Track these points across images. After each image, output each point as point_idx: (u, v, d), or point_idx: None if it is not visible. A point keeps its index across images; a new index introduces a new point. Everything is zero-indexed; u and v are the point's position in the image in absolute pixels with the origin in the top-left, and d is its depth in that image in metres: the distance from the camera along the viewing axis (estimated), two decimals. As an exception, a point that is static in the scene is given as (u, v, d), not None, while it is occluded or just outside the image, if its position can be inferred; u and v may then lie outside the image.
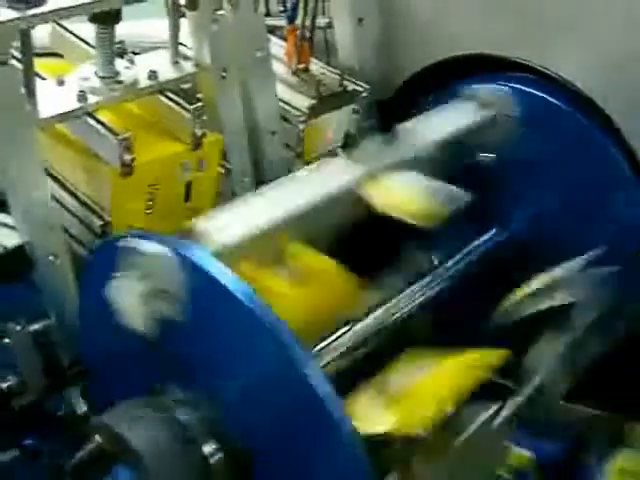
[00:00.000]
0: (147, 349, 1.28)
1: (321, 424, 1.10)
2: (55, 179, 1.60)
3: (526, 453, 1.77)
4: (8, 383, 1.60)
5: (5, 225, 1.62)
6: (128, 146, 1.49)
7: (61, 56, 1.80)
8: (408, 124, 1.68)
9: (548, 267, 1.71)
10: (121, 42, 1.69)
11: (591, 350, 1.73)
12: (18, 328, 1.56)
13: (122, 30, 1.62)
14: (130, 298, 1.20)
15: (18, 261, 1.53)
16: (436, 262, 1.81)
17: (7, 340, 1.56)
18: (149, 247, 1.22)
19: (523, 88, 1.82)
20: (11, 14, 1.36)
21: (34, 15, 1.38)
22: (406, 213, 1.46)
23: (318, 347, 1.42)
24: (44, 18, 1.41)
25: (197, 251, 1.22)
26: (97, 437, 1.25)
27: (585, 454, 1.76)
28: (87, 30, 1.73)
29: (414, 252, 1.89)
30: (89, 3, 1.43)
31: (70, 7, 1.41)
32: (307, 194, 1.43)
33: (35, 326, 1.57)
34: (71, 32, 1.75)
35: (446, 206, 1.52)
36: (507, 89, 1.77)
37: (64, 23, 1.74)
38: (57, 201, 1.57)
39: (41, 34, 1.71)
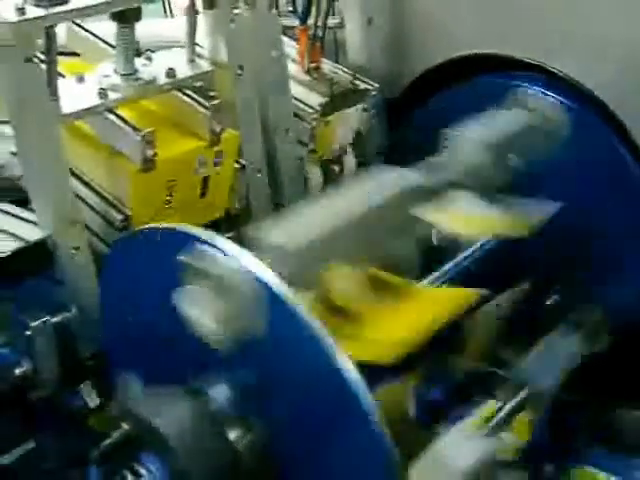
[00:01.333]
0: (175, 340, 1.31)
1: (348, 408, 1.13)
2: (75, 175, 1.63)
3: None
4: (23, 370, 1.63)
5: (26, 220, 1.65)
6: (150, 142, 1.52)
7: (72, 54, 1.83)
8: (457, 131, 1.65)
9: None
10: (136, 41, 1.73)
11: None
12: (38, 321, 1.59)
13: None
14: (203, 310, 1.16)
15: (40, 255, 1.56)
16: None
17: (28, 332, 1.60)
18: (225, 261, 1.18)
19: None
20: (37, 12, 1.39)
21: (59, 13, 1.41)
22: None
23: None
24: (69, 16, 1.44)
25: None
26: (124, 424, 1.28)
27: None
28: (102, 29, 1.78)
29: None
30: (112, 1, 1.46)
31: (94, 5, 1.44)
32: (361, 205, 1.41)
33: (55, 319, 1.60)
34: (88, 31, 1.78)
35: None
36: (554, 99, 1.78)
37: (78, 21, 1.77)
38: (77, 196, 1.60)
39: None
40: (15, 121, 1.48)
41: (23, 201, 1.77)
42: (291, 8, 2.14)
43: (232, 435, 1.25)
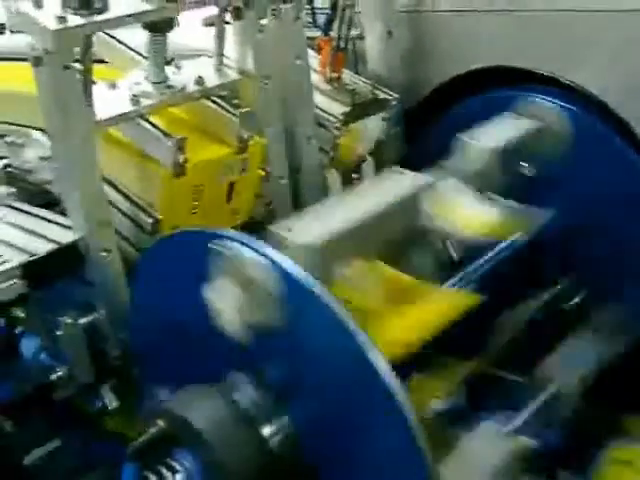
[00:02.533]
0: (207, 340, 1.35)
1: (380, 401, 1.17)
2: (105, 179, 1.66)
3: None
4: (58, 374, 1.67)
5: (57, 223, 1.69)
6: (181, 147, 1.56)
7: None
8: (467, 136, 1.74)
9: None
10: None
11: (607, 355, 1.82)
12: (69, 321, 1.63)
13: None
14: (229, 304, 1.24)
15: (71, 257, 1.60)
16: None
17: (59, 332, 1.64)
18: (249, 254, 1.24)
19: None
20: (77, 20, 1.43)
21: (98, 22, 1.45)
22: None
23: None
24: (107, 25, 1.49)
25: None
26: (159, 421, 1.32)
27: (582, 444, 1.83)
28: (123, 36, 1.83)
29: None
30: (148, 11, 1.50)
31: (131, 15, 1.49)
32: (376, 204, 1.49)
33: (85, 319, 1.64)
34: (117, 39, 1.82)
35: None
36: (557, 106, 1.84)
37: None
38: (107, 201, 1.64)
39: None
40: (51, 126, 1.52)
41: (49, 205, 1.83)
42: (310, 20, 2.19)
43: (264, 431, 1.29)
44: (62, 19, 1.41)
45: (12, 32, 1.95)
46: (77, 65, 1.47)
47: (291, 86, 1.83)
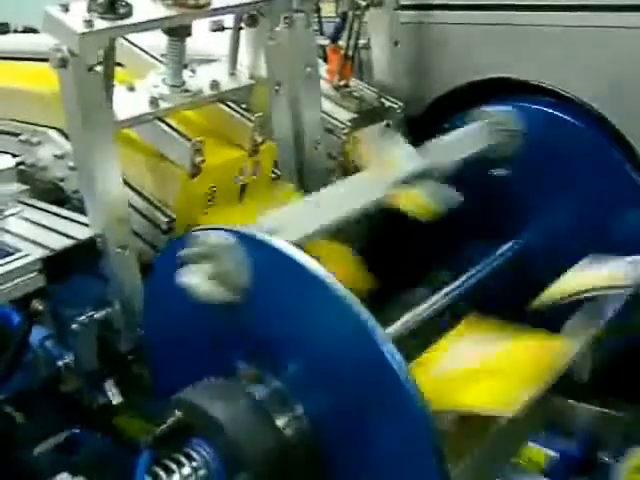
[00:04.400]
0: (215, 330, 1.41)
1: (391, 392, 1.22)
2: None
3: (545, 450, 1.89)
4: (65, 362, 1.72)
5: (72, 220, 1.74)
6: (199, 149, 1.62)
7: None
8: (432, 142, 1.86)
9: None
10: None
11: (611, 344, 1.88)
12: (82, 316, 1.68)
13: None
14: (197, 278, 1.35)
15: (88, 252, 1.65)
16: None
17: (74, 326, 1.68)
18: (215, 235, 1.37)
19: (540, 108, 2.01)
20: (103, 24, 1.49)
21: (123, 26, 1.51)
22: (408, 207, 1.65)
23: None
24: (131, 29, 1.54)
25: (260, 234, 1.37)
26: (177, 412, 1.37)
27: (601, 452, 1.89)
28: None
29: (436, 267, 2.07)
30: (171, 17, 1.56)
31: (154, 20, 1.55)
32: (345, 202, 1.62)
33: (99, 314, 1.69)
34: (134, 44, 1.88)
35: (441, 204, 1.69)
36: (511, 108, 1.98)
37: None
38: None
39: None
40: (73, 125, 1.56)
41: (58, 202, 1.87)
42: (316, 28, 2.25)
43: (279, 422, 1.35)
44: (89, 23, 1.46)
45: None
46: (99, 67, 1.53)
47: (301, 92, 1.89)
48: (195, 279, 1.37)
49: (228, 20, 1.86)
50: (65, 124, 1.59)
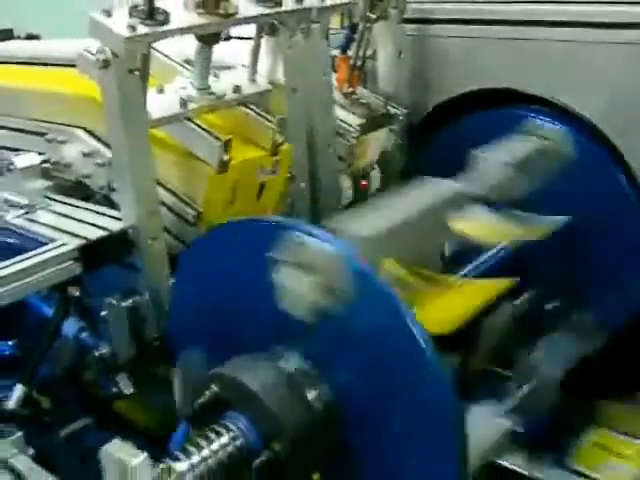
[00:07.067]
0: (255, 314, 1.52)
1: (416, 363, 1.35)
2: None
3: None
4: (101, 352, 1.81)
5: (101, 214, 1.85)
6: (227, 148, 1.74)
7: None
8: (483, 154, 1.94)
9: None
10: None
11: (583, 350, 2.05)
12: (113, 303, 1.78)
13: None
14: (296, 287, 1.40)
15: (120, 243, 1.75)
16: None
17: (104, 313, 1.78)
18: (319, 244, 1.41)
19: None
20: (144, 29, 1.60)
21: (162, 32, 1.63)
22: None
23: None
24: (169, 34, 1.66)
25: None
26: (214, 386, 1.48)
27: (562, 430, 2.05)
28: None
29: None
30: (206, 24, 1.68)
31: (191, 27, 1.67)
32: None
33: (128, 302, 1.79)
34: (158, 50, 1.99)
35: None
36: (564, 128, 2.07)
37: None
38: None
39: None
40: (112, 124, 1.67)
41: (84, 198, 1.98)
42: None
43: (310, 395, 1.46)
44: (132, 27, 1.58)
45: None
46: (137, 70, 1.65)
47: (315, 98, 2.02)
48: (289, 288, 1.42)
49: (242, 30, 1.99)
50: (104, 122, 1.69)
